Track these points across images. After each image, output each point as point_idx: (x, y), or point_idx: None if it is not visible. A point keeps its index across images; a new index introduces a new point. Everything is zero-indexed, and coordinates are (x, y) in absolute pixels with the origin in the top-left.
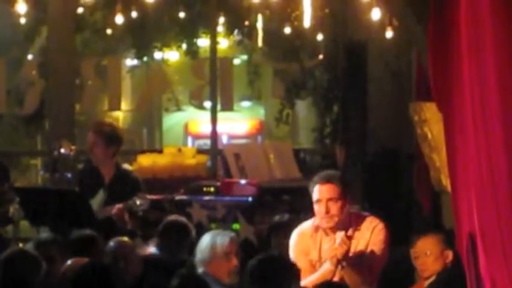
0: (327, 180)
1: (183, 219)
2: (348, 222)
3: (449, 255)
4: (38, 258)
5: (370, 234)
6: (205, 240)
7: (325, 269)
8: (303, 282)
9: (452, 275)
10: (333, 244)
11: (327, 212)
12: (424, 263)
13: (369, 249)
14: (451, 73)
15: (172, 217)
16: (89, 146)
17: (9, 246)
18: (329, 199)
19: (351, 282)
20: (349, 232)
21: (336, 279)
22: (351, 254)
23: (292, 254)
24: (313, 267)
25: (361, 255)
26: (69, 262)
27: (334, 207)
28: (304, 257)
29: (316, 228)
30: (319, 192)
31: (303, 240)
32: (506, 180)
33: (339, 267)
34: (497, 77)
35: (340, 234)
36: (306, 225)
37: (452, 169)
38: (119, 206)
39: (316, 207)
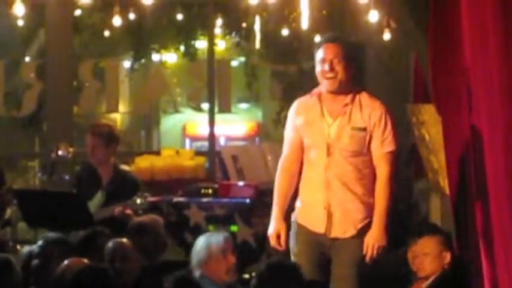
0: (333, 40)
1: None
2: (350, 89)
3: (447, 256)
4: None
5: (371, 111)
6: (200, 242)
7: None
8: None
9: (450, 276)
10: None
11: (331, 69)
12: (422, 263)
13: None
14: (451, 73)
15: None
16: (89, 148)
17: (6, 248)
18: (333, 58)
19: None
20: (347, 100)
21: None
22: (353, 123)
23: (290, 118)
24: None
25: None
26: (66, 262)
27: (338, 66)
28: (299, 117)
29: (312, 95)
30: (323, 51)
31: (302, 103)
32: (505, 181)
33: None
34: (500, 78)
35: None
36: (305, 97)
37: (451, 170)
38: (119, 207)
39: (319, 67)
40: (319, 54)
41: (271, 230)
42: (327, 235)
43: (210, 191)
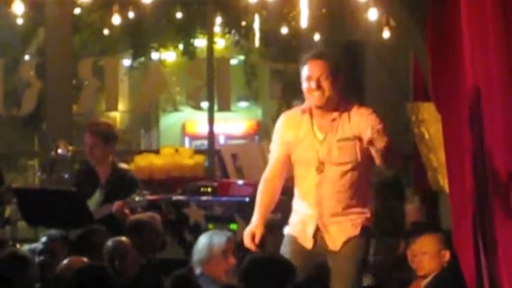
0: (318, 57)
1: None
2: (338, 104)
3: (446, 255)
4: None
5: (359, 117)
6: (202, 240)
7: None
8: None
9: (449, 274)
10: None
11: (318, 87)
12: (421, 261)
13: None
14: (450, 72)
15: None
16: (88, 147)
17: (6, 247)
18: (320, 75)
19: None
20: (334, 115)
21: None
22: (340, 135)
23: (277, 132)
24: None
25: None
26: (65, 261)
27: (325, 83)
28: (289, 133)
29: (303, 111)
30: (309, 69)
31: (292, 118)
32: (505, 180)
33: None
34: (500, 76)
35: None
36: (293, 110)
37: (450, 169)
38: (118, 202)
39: (305, 85)
40: (305, 71)
41: (247, 230)
42: (317, 248)
43: (209, 189)
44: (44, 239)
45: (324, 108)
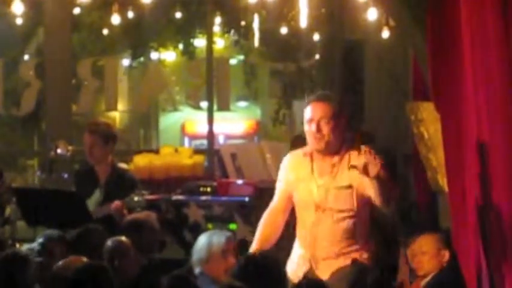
0: (321, 99)
1: None
2: (339, 149)
3: (446, 254)
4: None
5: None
6: (202, 240)
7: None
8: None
9: (448, 274)
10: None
11: (318, 131)
12: (420, 261)
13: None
14: (450, 72)
15: None
16: (87, 147)
17: (5, 246)
18: (321, 118)
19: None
20: (335, 160)
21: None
22: (338, 182)
23: (282, 170)
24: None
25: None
26: (65, 260)
27: (326, 128)
28: (292, 173)
29: (305, 154)
30: (311, 111)
31: (296, 158)
32: (505, 180)
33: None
34: (500, 76)
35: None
36: (298, 151)
37: (450, 169)
38: (117, 202)
39: (307, 127)
40: (308, 113)
41: None
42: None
43: (208, 189)
44: (41, 239)
45: (324, 152)
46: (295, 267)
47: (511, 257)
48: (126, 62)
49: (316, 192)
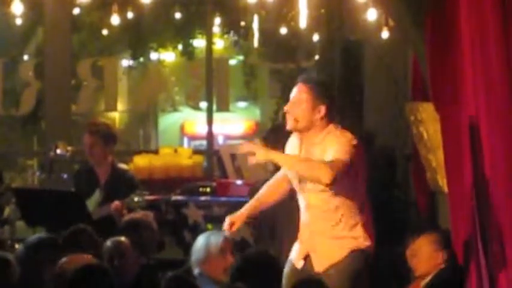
0: (301, 80)
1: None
2: (321, 131)
3: (444, 255)
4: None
5: (334, 141)
6: (200, 240)
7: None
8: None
9: (448, 275)
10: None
11: (289, 111)
12: (418, 262)
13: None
14: (449, 73)
15: None
16: (87, 147)
17: (5, 247)
18: (294, 98)
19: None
20: (316, 140)
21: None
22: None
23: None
24: None
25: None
26: (64, 260)
27: (297, 108)
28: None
29: (298, 136)
30: (293, 91)
31: (292, 140)
32: (505, 180)
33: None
34: (500, 76)
35: None
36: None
37: (449, 169)
38: (117, 202)
39: None
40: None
41: (231, 216)
42: (307, 269)
43: (208, 189)
44: (21, 248)
45: (304, 132)
46: (295, 246)
47: (510, 257)
48: (125, 62)
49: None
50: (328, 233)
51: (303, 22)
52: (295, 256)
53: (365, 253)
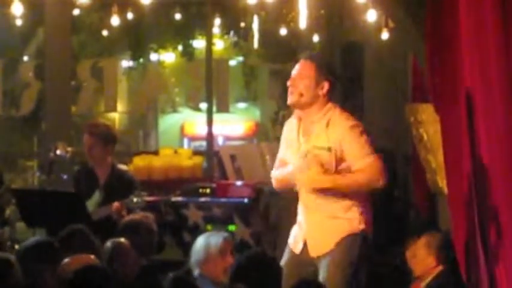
0: (304, 57)
1: None
2: (321, 109)
3: (437, 258)
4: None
5: (340, 131)
6: (200, 241)
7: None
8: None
9: (449, 275)
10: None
11: (292, 85)
12: (417, 263)
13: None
14: (449, 74)
15: None
16: (86, 148)
17: (5, 248)
18: (297, 73)
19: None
20: (315, 118)
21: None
22: (315, 142)
23: (282, 135)
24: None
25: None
26: (65, 261)
27: (300, 83)
28: (285, 136)
29: (296, 116)
30: (296, 67)
31: (290, 122)
32: (504, 180)
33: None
34: (499, 77)
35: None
36: (293, 115)
37: (449, 170)
38: (117, 203)
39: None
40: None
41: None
42: (306, 255)
43: (208, 190)
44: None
45: (305, 110)
46: (294, 231)
47: (510, 257)
48: (125, 63)
49: (299, 152)
50: (326, 215)
51: (303, 23)
52: (293, 241)
53: (359, 236)
